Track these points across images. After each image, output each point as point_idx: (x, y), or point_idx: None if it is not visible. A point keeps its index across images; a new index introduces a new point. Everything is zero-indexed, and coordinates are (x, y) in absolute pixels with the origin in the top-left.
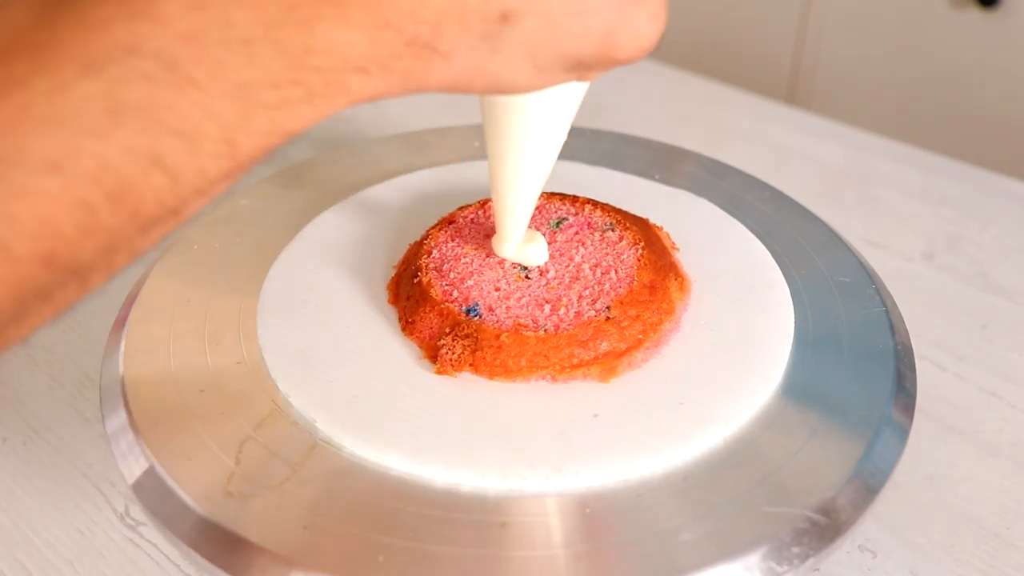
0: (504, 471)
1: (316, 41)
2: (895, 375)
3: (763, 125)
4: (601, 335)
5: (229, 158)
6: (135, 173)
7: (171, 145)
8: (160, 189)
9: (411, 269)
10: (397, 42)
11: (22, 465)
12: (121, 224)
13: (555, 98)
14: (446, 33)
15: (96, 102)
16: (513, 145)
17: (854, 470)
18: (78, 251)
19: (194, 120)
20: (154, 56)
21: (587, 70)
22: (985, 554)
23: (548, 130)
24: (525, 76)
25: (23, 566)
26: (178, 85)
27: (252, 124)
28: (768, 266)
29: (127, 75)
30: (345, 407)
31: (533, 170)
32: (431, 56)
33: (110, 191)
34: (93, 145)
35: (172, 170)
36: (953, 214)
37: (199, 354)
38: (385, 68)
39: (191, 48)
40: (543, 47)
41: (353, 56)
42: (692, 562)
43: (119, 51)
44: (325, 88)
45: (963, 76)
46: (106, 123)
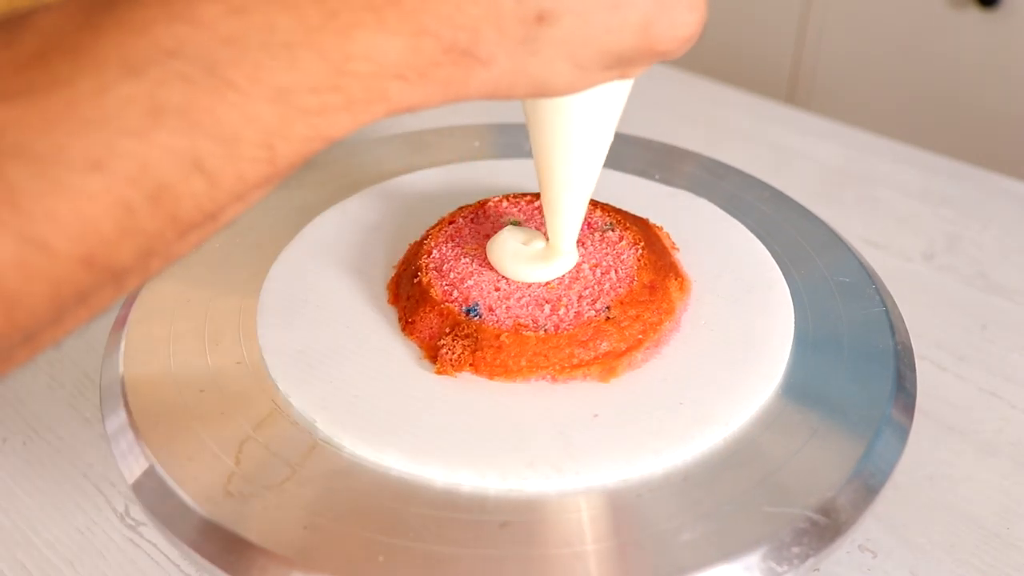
0: (504, 471)
1: (356, 47)
2: (895, 375)
3: (763, 125)
4: (601, 335)
5: (268, 163)
6: (175, 175)
7: (210, 148)
8: (199, 193)
9: (411, 269)
10: (436, 49)
11: (22, 465)
12: (159, 227)
13: (598, 98)
14: (484, 38)
15: (137, 103)
16: (560, 148)
17: (854, 470)
18: (117, 253)
19: (233, 124)
20: (194, 59)
21: (628, 66)
22: (985, 554)
23: (594, 131)
24: (566, 76)
25: (23, 566)
26: (218, 88)
27: (291, 129)
28: (768, 266)
29: (168, 77)
30: (345, 407)
31: (583, 173)
32: (470, 63)
33: (150, 192)
34: (134, 146)
35: (211, 174)
36: (953, 214)
37: (199, 354)
38: (424, 76)
39: (231, 51)
40: (582, 45)
41: (392, 63)
42: (692, 562)
43: (160, 53)
44: (365, 95)
45: (963, 76)
46: (147, 124)
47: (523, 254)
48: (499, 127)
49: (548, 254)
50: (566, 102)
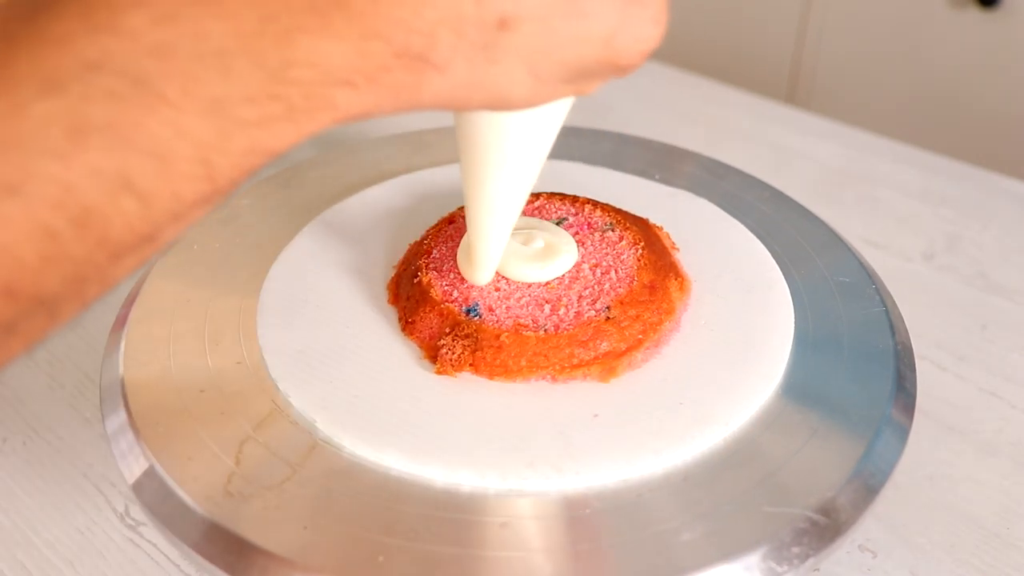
0: (504, 471)
1: (296, 54)
2: (895, 375)
3: (763, 125)
4: (601, 335)
5: (206, 180)
6: (101, 197)
7: (141, 167)
8: (130, 214)
9: (411, 269)
10: (386, 53)
11: (22, 465)
12: (88, 252)
13: (540, 116)
14: (440, 43)
15: (57, 122)
16: (492, 166)
17: (854, 470)
18: (42, 281)
19: (165, 139)
20: (120, 72)
21: (587, 80)
22: (985, 554)
23: (531, 151)
24: (524, 88)
25: (23, 566)
26: (147, 102)
27: (229, 143)
28: (768, 266)
29: (91, 93)
30: (345, 407)
31: (512, 195)
32: (423, 68)
33: (74, 216)
34: (54, 168)
35: (143, 194)
36: (953, 214)
37: (199, 354)
38: (373, 81)
39: (160, 62)
40: (543, 55)
41: (337, 69)
42: (692, 562)
43: (82, 68)
44: (307, 103)
45: (963, 76)
46: (68, 144)
47: (522, 254)
48: None
49: (546, 253)
50: (505, 117)
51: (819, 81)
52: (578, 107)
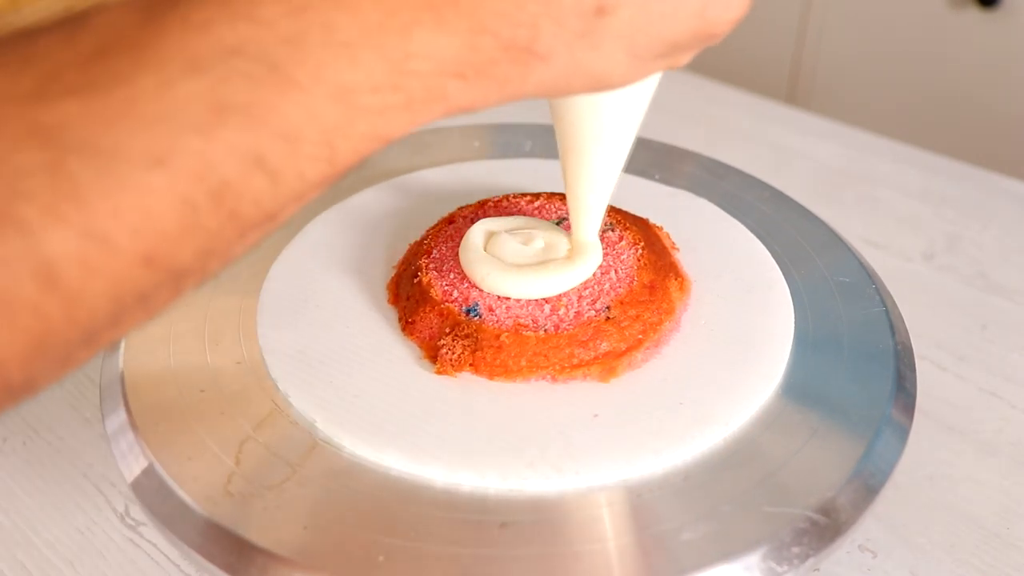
0: (504, 471)
1: (415, 46)
2: (895, 375)
3: (763, 125)
4: (601, 335)
5: (327, 162)
6: (237, 173)
7: (273, 146)
8: (260, 191)
9: (411, 269)
10: (494, 47)
11: (22, 465)
12: (220, 226)
13: (633, 92)
14: (543, 34)
15: (200, 100)
16: (592, 141)
17: (854, 470)
18: (178, 251)
19: (296, 121)
20: (256, 57)
21: (681, 53)
22: (985, 554)
23: (625, 124)
24: (622, 68)
25: (23, 566)
26: (280, 86)
27: (352, 128)
28: (768, 266)
29: (230, 75)
30: (345, 407)
31: (611, 165)
32: (529, 59)
33: (212, 190)
34: (197, 142)
35: (273, 172)
36: (953, 214)
37: (199, 354)
38: (483, 74)
39: (293, 50)
40: (641, 34)
41: (451, 61)
42: (692, 562)
43: (222, 51)
44: (424, 93)
45: (963, 76)
46: (210, 121)
47: (522, 254)
48: (499, 127)
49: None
50: (603, 95)
51: (819, 81)
52: None
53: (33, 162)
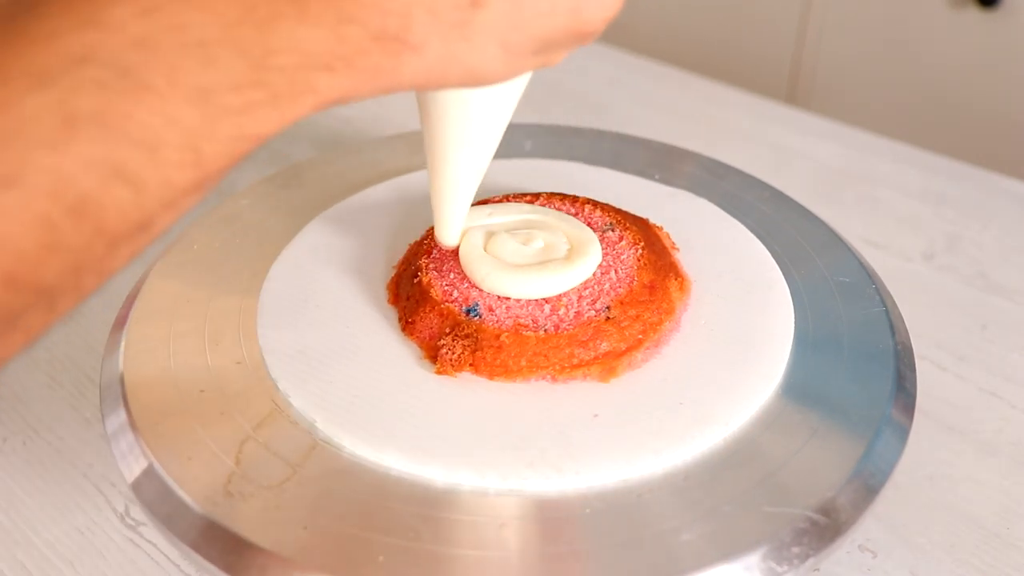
0: (504, 471)
1: (277, 40)
2: (895, 375)
3: (763, 125)
4: (601, 335)
5: (195, 167)
6: (95, 186)
7: (131, 155)
8: (124, 202)
9: (411, 269)
10: (363, 37)
11: (22, 465)
12: (86, 241)
13: (501, 91)
14: (416, 24)
15: (49, 113)
16: (456, 140)
17: (854, 470)
18: (42, 271)
19: (154, 127)
20: (106, 64)
21: (555, 50)
22: (985, 554)
23: (492, 124)
24: (496, 63)
25: (23, 566)
26: (134, 92)
27: (216, 129)
28: (768, 266)
29: (80, 85)
30: (345, 407)
31: (474, 166)
32: (401, 50)
33: (70, 205)
34: (49, 158)
35: (135, 181)
36: (953, 214)
37: (199, 354)
38: (352, 65)
39: (145, 54)
40: (515, 29)
41: (317, 54)
42: (692, 562)
43: (70, 61)
44: (290, 88)
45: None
46: (61, 134)
47: (522, 254)
48: None
49: (572, 253)
50: (471, 92)
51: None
52: (578, 107)
53: None
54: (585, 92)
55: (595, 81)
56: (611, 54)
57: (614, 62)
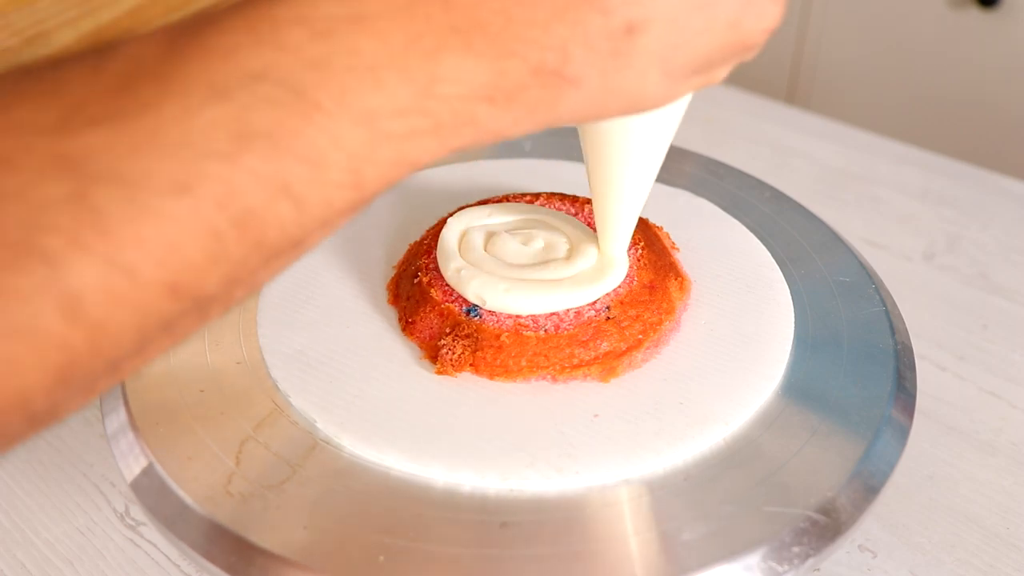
0: (504, 471)
1: (442, 70)
2: (895, 375)
3: (763, 125)
4: (601, 335)
5: (354, 188)
6: (262, 200)
7: (298, 172)
8: (285, 218)
9: (411, 269)
10: (523, 71)
11: (22, 465)
12: (246, 254)
13: (663, 113)
14: (573, 57)
15: (223, 126)
16: (620, 166)
17: (854, 470)
18: (203, 280)
19: (321, 147)
20: (280, 82)
21: (715, 68)
22: (985, 554)
23: (655, 147)
24: (657, 88)
25: (23, 566)
26: (305, 111)
27: (378, 153)
28: (768, 266)
29: (254, 101)
30: (345, 407)
31: (641, 184)
32: (559, 84)
33: (237, 217)
34: (221, 169)
35: (298, 198)
36: (953, 214)
37: (199, 354)
38: (513, 99)
39: (317, 75)
40: (674, 51)
41: (479, 86)
42: (692, 562)
43: (246, 77)
44: (452, 119)
45: (963, 76)
46: (233, 147)
47: (523, 254)
48: None
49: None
50: (633, 118)
51: (819, 81)
52: None
53: (57, 193)
54: None
55: None
56: None
57: None
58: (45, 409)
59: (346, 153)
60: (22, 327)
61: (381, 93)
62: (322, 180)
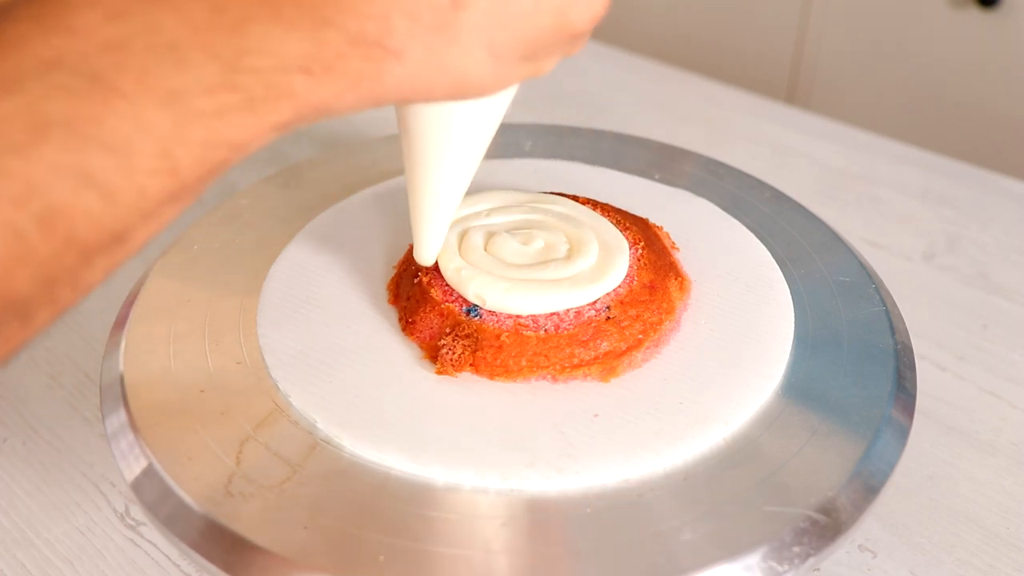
0: (504, 471)
1: (249, 42)
2: (895, 375)
3: (763, 125)
4: (601, 335)
5: (169, 175)
6: (65, 193)
7: (102, 161)
8: (95, 211)
9: (411, 269)
10: (341, 41)
11: (22, 465)
12: (57, 251)
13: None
14: (396, 28)
15: (17, 119)
16: (436, 159)
17: (854, 470)
18: (12, 282)
19: (124, 133)
20: (75, 69)
21: (543, 56)
22: (985, 554)
23: (474, 144)
24: (485, 69)
25: (23, 566)
26: (103, 97)
27: (189, 134)
28: (768, 266)
29: (48, 90)
30: (345, 407)
31: (455, 187)
32: (382, 56)
33: (39, 214)
34: (16, 164)
35: (106, 189)
36: (953, 214)
37: (199, 354)
38: (331, 70)
39: (114, 58)
40: (500, 30)
41: (292, 56)
42: (692, 562)
43: (38, 66)
44: (265, 92)
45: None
46: (29, 140)
47: (523, 254)
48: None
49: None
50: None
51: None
52: (578, 107)
53: None
54: (585, 92)
55: (595, 81)
56: (611, 54)
57: (614, 62)
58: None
59: (152, 137)
60: None
61: (185, 71)
62: (130, 167)
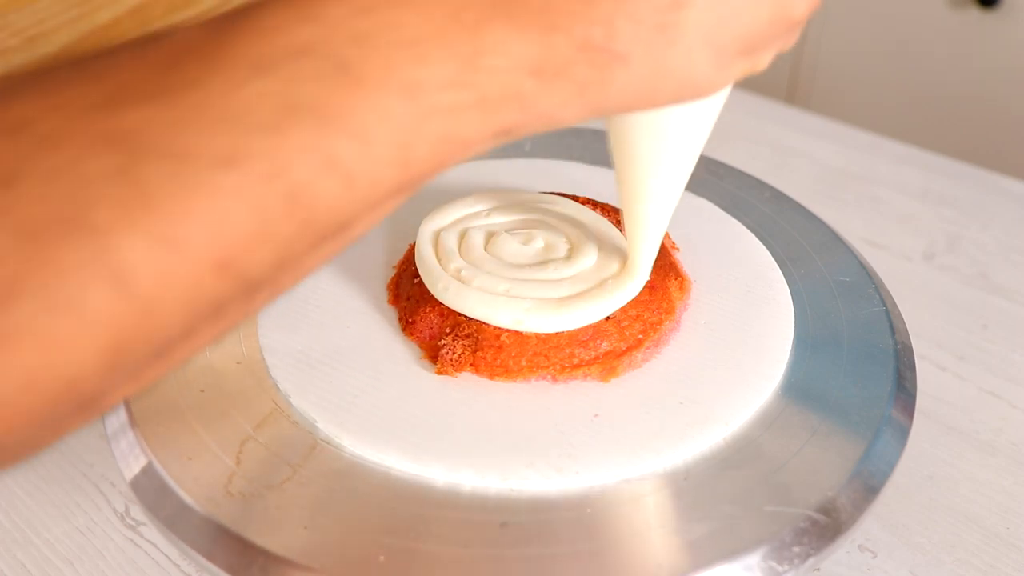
0: (504, 471)
1: (485, 43)
2: (895, 375)
3: (763, 125)
4: (601, 335)
5: (402, 166)
6: (310, 174)
7: (345, 147)
8: (334, 195)
9: (411, 269)
10: (569, 46)
11: (22, 465)
12: (294, 232)
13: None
14: (620, 31)
15: (269, 100)
16: (655, 166)
17: (854, 470)
18: (251, 258)
19: (367, 121)
20: (324, 57)
21: (761, 50)
22: (985, 554)
23: (691, 143)
24: (705, 68)
25: (23, 566)
26: (350, 85)
27: (426, 128)
28: (768, 266)
29: (299, 75)
30: (345, 407)
31: (671, 195)
32: (608, 61)
33: (285, 192)
34: (267, 142)
35: (346, 174)
36: (953, 214)
37: (199, 354)
38: (559, 75)
39: (360, 49)
40: (720, 26)
41: (525, 57)
42: (692, 562)
43: (290, 52)
44: (498, 91)
45: (963, 76)
46: (280, 120)
47: (523, 255)
48: None
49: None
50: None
51: (819, 81)
52: None
53: (104, 168)
54: None
55: None
56: None
57: None
58: (94, 394)
59: (392, 127)
60: (71, 301)
61: (425, 66)
62: (370, 156)
